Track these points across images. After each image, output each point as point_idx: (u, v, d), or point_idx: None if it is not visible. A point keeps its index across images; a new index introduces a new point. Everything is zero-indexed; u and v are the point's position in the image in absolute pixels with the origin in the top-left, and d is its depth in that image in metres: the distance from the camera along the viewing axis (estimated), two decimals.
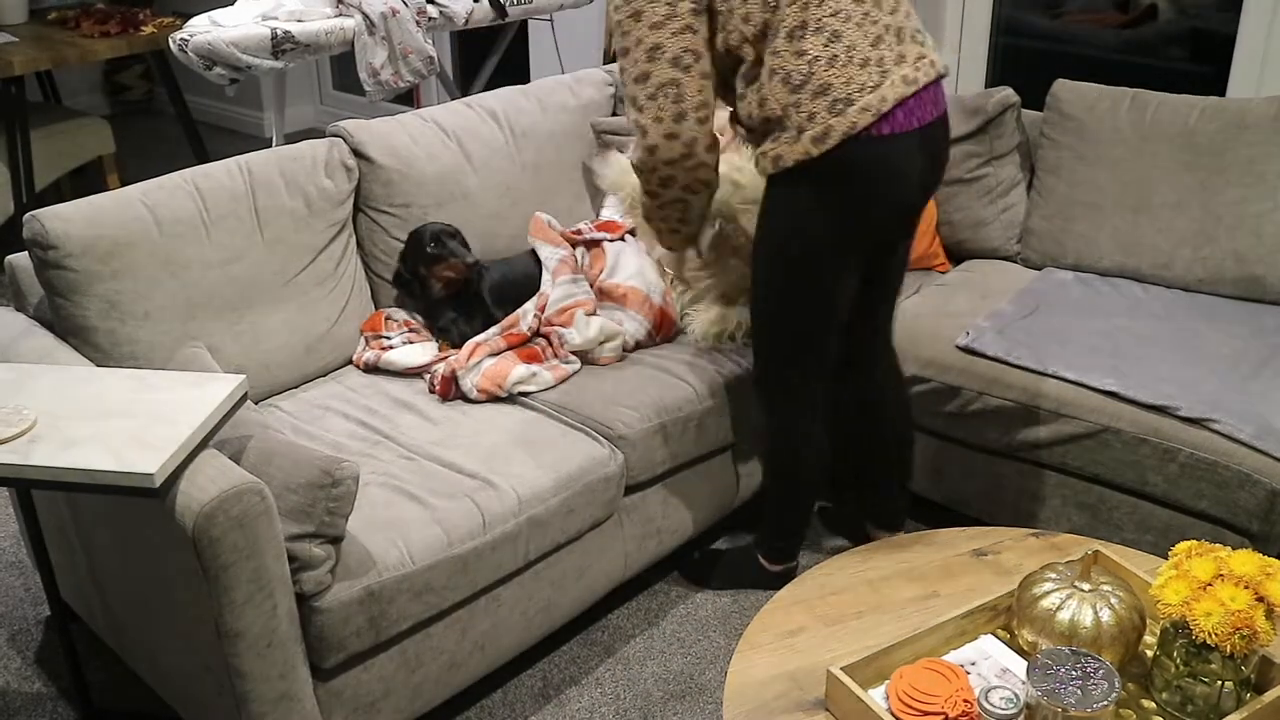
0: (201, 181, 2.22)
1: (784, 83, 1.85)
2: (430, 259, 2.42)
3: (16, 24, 4.30)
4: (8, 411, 1.66)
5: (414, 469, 2.05)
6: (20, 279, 2.17)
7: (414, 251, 2.44)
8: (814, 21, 1.84)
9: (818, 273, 1.99)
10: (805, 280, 2.00)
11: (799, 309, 2.04)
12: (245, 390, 1.79)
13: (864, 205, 1.93)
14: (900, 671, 1.51)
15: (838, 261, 1.98)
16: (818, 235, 1.95)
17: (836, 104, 1.84)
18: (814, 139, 1.85)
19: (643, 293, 2.49)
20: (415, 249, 2.44)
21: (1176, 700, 1.52)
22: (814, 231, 1.94)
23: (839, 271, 2.00)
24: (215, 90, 5.80)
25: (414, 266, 2.45)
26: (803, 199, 1.93)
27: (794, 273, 2.00)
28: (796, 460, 2.24)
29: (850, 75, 1.84)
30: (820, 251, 1.96)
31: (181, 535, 1.61)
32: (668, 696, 2.21)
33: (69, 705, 2.19)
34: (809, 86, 1.84)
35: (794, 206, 1.95)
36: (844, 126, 1.83)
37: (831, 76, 1.83)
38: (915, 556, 1.87)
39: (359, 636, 1.81)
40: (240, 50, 2.98)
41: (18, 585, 2.51)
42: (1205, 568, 1.48)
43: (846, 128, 1.83)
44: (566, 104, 2.80)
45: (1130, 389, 2.27)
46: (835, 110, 1.84)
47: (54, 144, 4.17)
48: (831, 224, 1.93)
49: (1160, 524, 2.26)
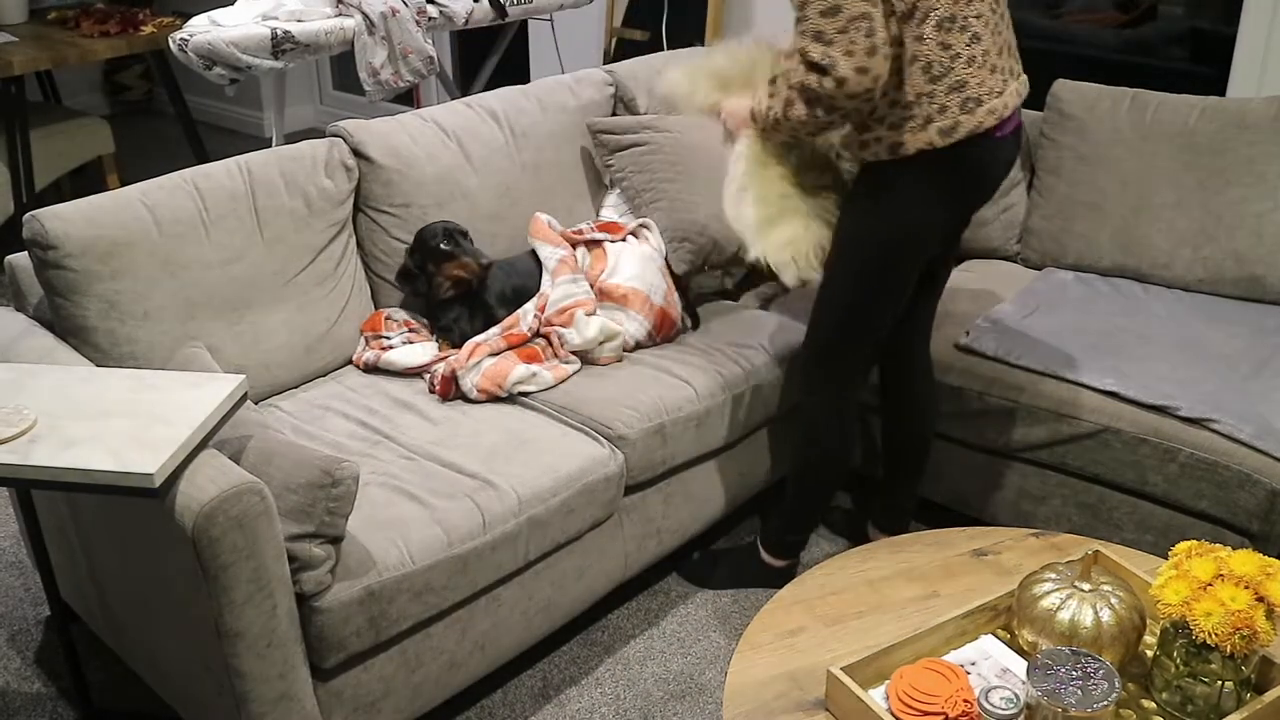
0: (201, 181, 2.22)
1: (924, 70, 1.90)
2: (442, 256, 2.41)
3: (16, 24, 4.30)
4: (8, 411, 1.66)
5: (414, 469, 2.05)
6: (20, 279, 2.16)
7: (424, 248, 2.43)
8: (961, 18, 1.89)
9: (904, 261, 2.05)
10: (890, 268, 2.05)
11: (875, 295, 2.09)
12: (245, 390, 1.78)
13: (962, 200, 2.03)
14: (900, 671, 1.51)
15: (924, 252, 2.05)
16: (917, 224, 2.00)
17: (968, 102, 1.91)
18: (941, 131, 1.91)
19: (643, 293, 2.49)
20: (426, 245, 2.42)
21: (1177, 700, 1.52)
22: (914, 220, 2.00)
23: (920, 263, 2.07)
24: (215, 90, 5.80)
25: (423, 263, 2.43)
26: (911, 188, 1.98)
27: (883, 259, 2.04)
28: (822, 448, 2.25)
29: (983, 78, 1.92)
30: (914, 240, 2.02)
31: (181, 535, 1.61)
32: (668, 696, 2.21)
33: (69, 705, 2.19)
34: (946, 80, 1.90)
35: (900, 195, 1.99)
36: (971, 124, 1.91)
37: (968, 75, 1.91)
38: (915, 556, 1.87)
39: (359, 636, 1.80)
40: (240, 50, 2.98)
41: (18, 585, 2.51)
42: (1205, 568, 1.48)
43: (973, 126, 1.91)
44: (566, 104, 2.80)
45: (1130, 389, 2.27)
46: (966, 108, 1.91)
47: (54, 144, 4.17)
48: (932, 215, 2.00)
49: (1160, 524, 2.26)
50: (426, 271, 2.43)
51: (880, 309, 2.11)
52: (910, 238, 2.02)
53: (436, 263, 2.41)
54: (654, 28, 4.16)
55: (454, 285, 2.43)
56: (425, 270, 2.43)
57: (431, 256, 2.41)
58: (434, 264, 2.42)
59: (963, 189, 2.01)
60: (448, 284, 2.43)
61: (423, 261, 2.43)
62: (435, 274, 2.42)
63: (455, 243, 2.41)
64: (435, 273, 2.42)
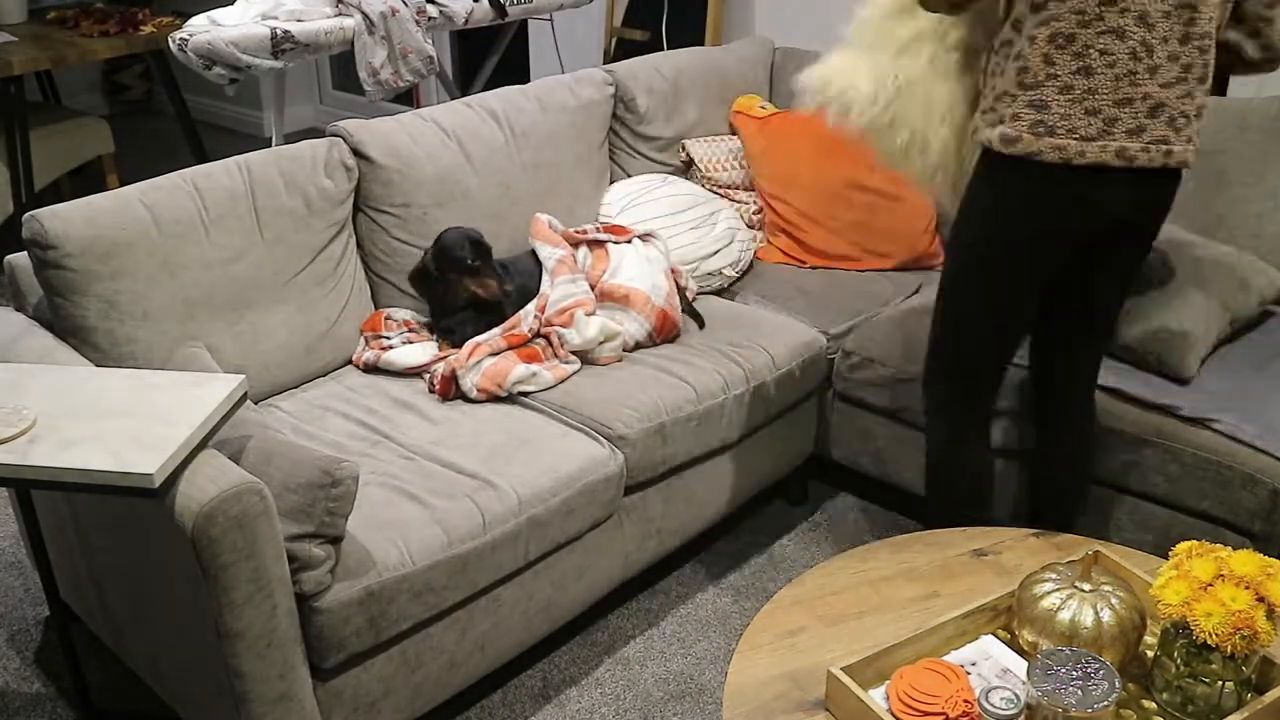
0: (201, 181, 2.22)
1: (1020, 72, 1.80)
2: (466, 270, 2.38)
3: (16, 24, 4.30)
4: (7, 411, 1.65)
5: (414, 469, 2.05)
6: (20, 279, 2.16)
7: (447, 255, 2.39)
8: (1082, 43, 1.75)
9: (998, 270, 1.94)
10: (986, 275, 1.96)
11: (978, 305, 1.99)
12: (245, 390, 1.78)
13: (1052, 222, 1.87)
14: (901, 672, 1.51)
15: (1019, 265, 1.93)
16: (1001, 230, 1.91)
17: (1039, 125, 1.79)
18: (1004, 138, 1.82)
19: (645, 294, 2.49)
20: (450, 253, 2.39)
21: (1177, 701, 1.52)
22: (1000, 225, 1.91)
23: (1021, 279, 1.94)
24: (215, 90, 5.79)
25: (443, 269, 2.40)
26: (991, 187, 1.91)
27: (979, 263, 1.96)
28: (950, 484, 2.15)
29: (1073, 114, 1.77)
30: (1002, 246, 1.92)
31: (181, 535, 1.61)
32: (668, 696, 2.21)
33: (68, 705, 2.18)
34: (1033, 93, 1.79)
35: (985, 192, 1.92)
36: (1031, 147, 1.80)
37: (1054, 100, 1.78)
38: (915, 556, 1.87)
39: (359, 636, 1.80)
40: (240, 50, 2.98)
41: (17, 585, 2.51)
42: (1206, 568, 1.48)
43: (1033, 150, 1.80)
44: (566, 104, 2.80)
45: (1132, 388, 2.27)
46: (1035, 130, 1.79)
47: (53, 144, 4.17)
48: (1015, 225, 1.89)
49: (1161, 524, 2.26)
50: (447, 279, 2.41)
51: (985, 322, 2.00)
52: (996, 243, 1.92)
53: (459, 273, 2.39)
54: (654, 28, 4.16)
55: (471, 298, 2.42)
56: (446, 277, 2.41)
57: (455, 266, 2.39)
58: (456, 273, 2.40)
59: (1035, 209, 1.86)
60: (466, 296, 2.41)
61: (443, 267, 2.41)
62: (456, 283, 2.40)
63: (483, 259, 2.39)
64: (456, 281, 2.40)
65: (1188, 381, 2.27)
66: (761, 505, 2.79)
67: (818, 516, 2.75)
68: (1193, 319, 2.30)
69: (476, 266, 2.39)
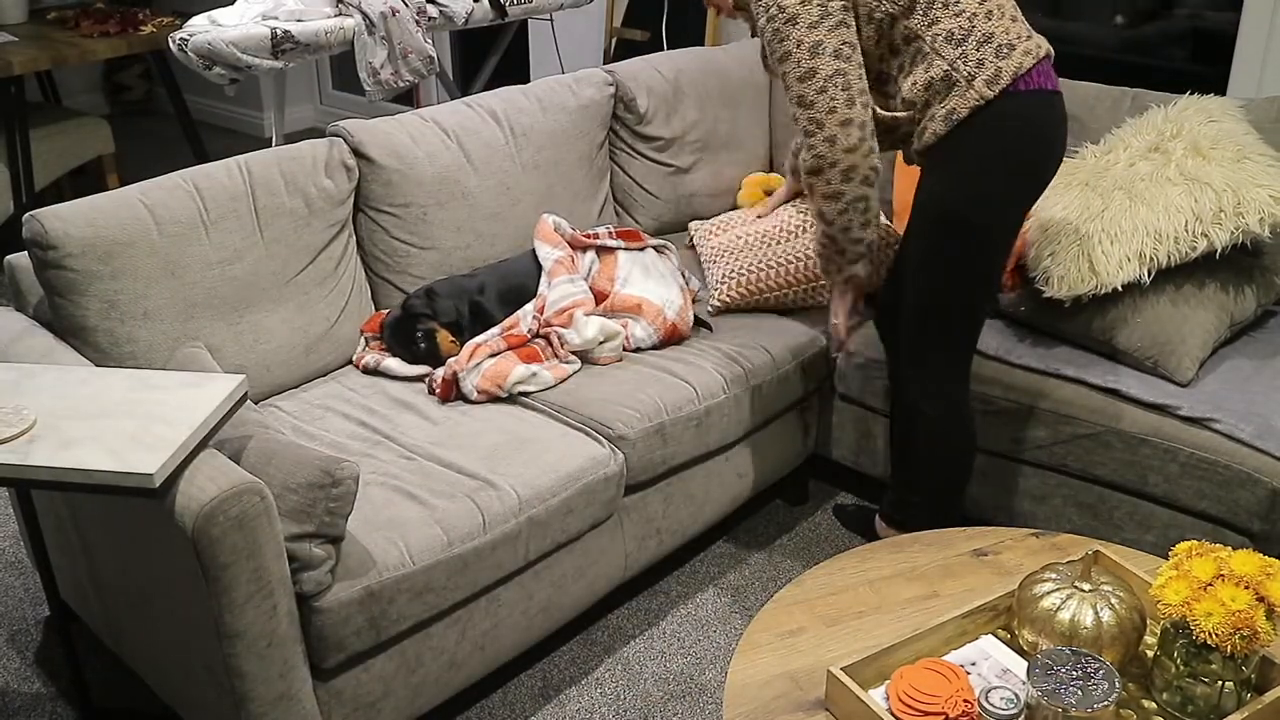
0: (201, 181, 2.22)
1: (948, 40, 1.97)
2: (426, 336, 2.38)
3: (16, 24, 4.30)
4: (7, 411, 1.65)
5: (414, 469, 2.05)
6: (20, 279, 2.16)
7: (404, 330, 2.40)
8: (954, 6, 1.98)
9: (988, 238, 2.04)
10: (976, 248, 2.04)
11: (967, 281, 2.08)
12: (245, 390, 1.78)
13: (1030, 165, 2.02)
14: (900, 672, 1.51)
15: (1009, 224, 2.04)
16: (991, 195, 2.01)
17: (1001, 49, 1.98)
18: (986, 82, 1.97)
19: (657, 305, 2.49)
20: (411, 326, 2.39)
21: (1177, 700, 1.52)
22: (988, 191, 2.01)
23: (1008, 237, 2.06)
24: (215, 90, 5.80)
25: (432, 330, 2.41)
26: (975, 156, 2.00)
27: (966, 240, 2.04)
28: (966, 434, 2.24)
29: (1006, 26, 2.00)
30: (993, 213, 2.02)
31: (181, 535, 1.61)
32: (668, 696, 2.21)
33: (68, 705, 2.19)
34: (973, 38, 1.98)
35: (967, 166, 2.00)
36: (1012, 67, 1.97)
37: (991, 27, 1.99)
38: (915, 556, 1.87)
39: (359, 636, 1.80)
40: (240, 50, 2.98)
41: (17, 585, 2.51)
42: (1205, 568, 1.48)
43: (1014, 68, 1.97)
44: (566, 104, 2.80)
45: (1131, 388, 2.27)
46: (1001, 54, 1.97)
47: (54, 144, 4.17)
48: (1004, 181, 2.01)
49: (1160, 524, 2.26)
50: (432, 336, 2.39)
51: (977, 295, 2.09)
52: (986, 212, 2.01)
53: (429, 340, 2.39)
54: (654, 28, 4.16)
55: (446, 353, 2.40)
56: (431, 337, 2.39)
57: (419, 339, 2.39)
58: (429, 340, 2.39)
59: (1025, 149, 2.00)
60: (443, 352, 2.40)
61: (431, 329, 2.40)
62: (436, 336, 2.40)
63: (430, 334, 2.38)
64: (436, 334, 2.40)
65: (1185, 385, 2.28)
66: (761, 505, 2.79)
67: (818, 516, 2.76)
68: (1190, 325, 2.30)
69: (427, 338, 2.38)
